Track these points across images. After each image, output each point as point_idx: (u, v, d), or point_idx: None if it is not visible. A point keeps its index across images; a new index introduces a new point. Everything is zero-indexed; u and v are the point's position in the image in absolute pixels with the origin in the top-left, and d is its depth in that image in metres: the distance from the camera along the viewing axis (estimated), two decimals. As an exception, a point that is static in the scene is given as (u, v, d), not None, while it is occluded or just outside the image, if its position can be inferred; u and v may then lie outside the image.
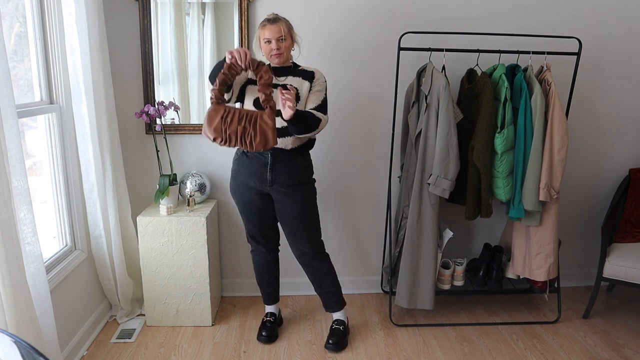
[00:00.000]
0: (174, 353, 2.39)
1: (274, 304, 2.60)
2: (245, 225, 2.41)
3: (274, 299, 2.59)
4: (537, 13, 2.70)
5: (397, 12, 2.65)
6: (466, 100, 2.53)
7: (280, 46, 2.08)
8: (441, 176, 2.36)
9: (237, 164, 2.28)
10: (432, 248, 2.50)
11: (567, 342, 2.53)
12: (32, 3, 2.11)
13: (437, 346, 2.48)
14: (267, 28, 2.07)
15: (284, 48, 2.10)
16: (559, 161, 2.38)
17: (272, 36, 2.06)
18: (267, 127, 1.97)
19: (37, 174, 2.25)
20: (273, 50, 2.08)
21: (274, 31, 2.06)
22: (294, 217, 2.26)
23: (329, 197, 2.87)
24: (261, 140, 1.98)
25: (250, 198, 2.29)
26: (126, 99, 2.66)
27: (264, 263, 2.48)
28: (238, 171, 2.27)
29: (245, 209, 2.33)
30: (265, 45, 2.11)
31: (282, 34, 2.07)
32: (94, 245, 2.50)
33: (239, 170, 2.26)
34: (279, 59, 2.12)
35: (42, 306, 1.80)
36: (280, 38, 2.07)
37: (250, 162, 2.21)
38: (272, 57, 2.12)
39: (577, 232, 3.09)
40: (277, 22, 2.07)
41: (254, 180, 2.22)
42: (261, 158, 2.19)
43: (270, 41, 2.07)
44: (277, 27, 2.06)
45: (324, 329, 2.62)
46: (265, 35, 2.08)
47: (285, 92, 1.91)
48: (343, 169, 2.84)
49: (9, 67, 1.58)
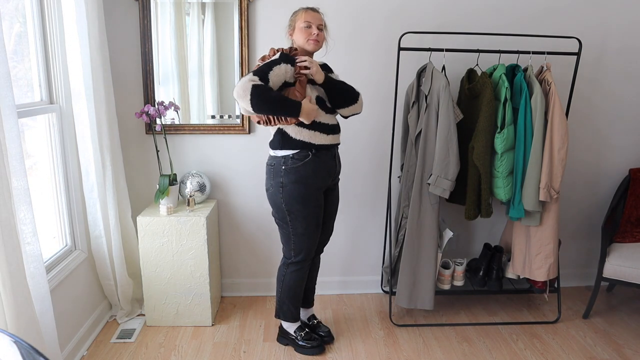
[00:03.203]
0: (174, 353, 2.39)
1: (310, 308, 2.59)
2: (308, 238, 2.21)
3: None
4: (537, 13, 2.70)
5: (397, 12, 2.65)
6: (466, 100, 2.53)
7: (319, 34, 2.09)
8: (441, 176, 2.36)
9: (306, 167, 2.11)
10: (432, 248, 2.50)
11: (567, 342, 2.53)
12: (32, 3, 2.11)
13: (437, 346, 2.48)
14: (309, 13, 2.09)
15: (321, 37, 2.11)
16: (559, 161, 2.38)
17: (314, 21, 2.07)
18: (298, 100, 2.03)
19: (37, 174, 2.25)
20: (313, 34, 2.07)
21: (316, 17, 2.09)
22: (337, 206, 2.39)
23: (329, 197, 2.87)
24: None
25: (321, 202, 2.21)
26: (126, 99, 2.66)
27: (306, 277, 2.36)
28: (310, 174, 2.12)
29: (318, 214, 2.20)
30: (304, 30, 2.07)
31: (323, 22, 2.11)
32: (94, 245, 2.50)
33: (313, 172, 2.12)
34: (316, 45, 2.10)
35: (42, 306, 1.80)
36: (320, 26, 2.10)
37: (322, 160, 2.15)
38: (309, 42, 2.09)
39: (577, 232, 3.09)
40: (319, 12, 2.12)
41: (326, 177, 2.20)
42: (329, 152, 2.18)
43: (311, 25, 2.07)
44: (319, 15, 2.11)
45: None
46: (308, 19, 2.07)
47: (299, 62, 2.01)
48: (343, 169, 2.84)
49: (9, 67, 1.58)
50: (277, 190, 2.15)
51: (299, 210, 2.15)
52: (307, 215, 2.17)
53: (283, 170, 2.12)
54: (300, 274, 2.30)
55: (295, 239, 2.22)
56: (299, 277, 2.31)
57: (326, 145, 2.14)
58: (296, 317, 2.43)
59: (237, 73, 2.66)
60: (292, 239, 2.22)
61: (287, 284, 2.32)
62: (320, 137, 2.11)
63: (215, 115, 2.73)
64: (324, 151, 2.15)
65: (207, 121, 2.73)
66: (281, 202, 2.16)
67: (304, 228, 2.19)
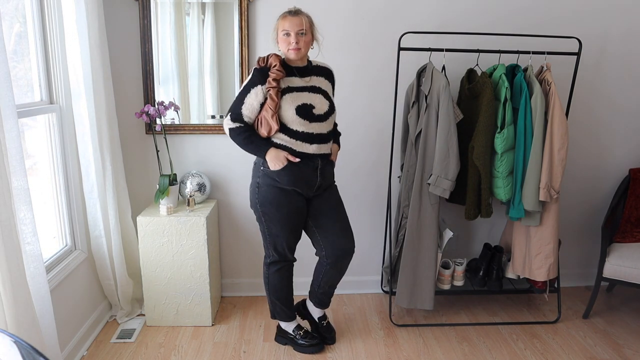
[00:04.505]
0: (174, 353, 2.39)
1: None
2: (281, 239, 2.21)
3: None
4: (537, 13, 2.70)
5: (397, 12, 2.65)
6: (466, 100, 2.53)
7: (300, 40, 1.99)
8: (441, 176, 2.36)
9: (282, 173, 2.08)
10: (432, 248, 2.50)
11: (567, 342, 2.53)
12: (32, 3, 2.11)
13: (437, 346, 2.48)
14: (287, 20, 1.99)
15: (303, 43, 2.01)
16: (559, 161, 2.38)
17: (292, 29, 1.98)
18: (267, 115, 2.01)
19: (37, 174, 2.25)
20: (291, 44, 1.99)
21: (294, 23, 1.98)
22: (337, 203, 2.28)
23: (329, 197, 2.87)
24: (265, 127, 2.04)
25: (296, 206, 2.16)
26: (126, 99, 2.66)
27: (290, 277, 2.36)
28: (285, 181, 2.10)
29: (291, 219, 2.17)
30: (283, 38, 2.01)
31: (303, 27, 1.98)
32: (94, 245, 2.50)
33: (289, 180, 2.09)
34: (297, 54, 2.02)
35: (42, 306, 1.80)
36: (301, 32, 1.98)
37: (300, 169, 2.09)
38: (289, 52, 2.02)
39: (577, 232, 3.09)
40: (299, 15, 2.00)
41: (303, 185, 2.13)
42: (311, 163, 2.11)
43: (289, 34, 1.98)
44: (299, 20, 1.98)
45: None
46: (285, 27, 1.98)
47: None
48: (343, 169, 2.84)
49: (9, 67, 1.58)
50: (254, 189, 2.17)
51: (272, 213, 2.15)
52: (280, 218, 2.15)
53: (261, 172, 2.13)
54: (282, 272, 2.31)
55: (270, 238, 2.23)
56: (281, 277, 2.31)
57: (308, 154, 2.09)
58: (291, 316, 2.43)
59: (237, 73, 2.66)
60: (268, 238, 2.23)
61: (272, 284, 2.33)
62: (302, 146, 2.07)
63: (215, 115, 2.73)
64: (305, 160, 2.09)
65: (207, 121, 2.73)
66: (256, 201, 2.17)
67: (279, 230, 2.18)
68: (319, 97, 2.10)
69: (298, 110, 2.03)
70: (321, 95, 2.11)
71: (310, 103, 2.06)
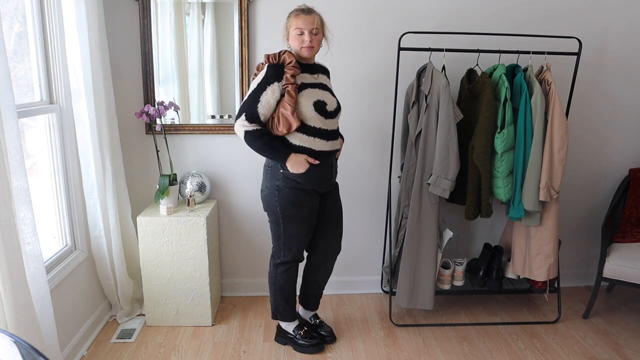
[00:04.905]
0: (174, 353, 2.39)
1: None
2: (297, 240, 2.22)
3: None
4: (537, 13, 2.70)
5: (397, 12, 2.65)
6: (466, 100, 2.53)
7: (313, 39, 2.01)
8: (441, 176, 2.36)
9: (304, 175, 2.08)
10: (432, 248, 2.50)
11: (567, 342, 2.53)
12: (32, 3, 2.11)
13: (437, 346, 2.48)
14: (300, 18, 2.00)
15: (316, 42, 2.04)
16: (559, 161, 2.38)
17: (306, 27, 1.99)
18: (286, 112, 1.99)
19: (37, 174, 2.25)
20: (305, 42, 2.00)
21: (308, 22, 1.99)
22: (340, 207, 2.35)
23: (329, 197, 2.87)
24: (284, 124, 2.01)
25: (314, 204, 2.19)
26: (126, 99, 2.66)
27: (295, 277, 2.36)
28: (307, 180, 2.10)
29: (311, 217, 2.20)
30: (296, 36, 2.02)
31: (316, 25, 2.01)
32: (94, 245, 2.50)
33: (309, 179, 2.10)
34: (310, 52, 2.04)
35: (42, 306, 1.80)
36: (313, 30, 2.01)
37: (319, 169, 2.11)
38: (302, 49, 2.03)
39: (577, 232, 3.09)
40: (312, 14, 2.02)
41: (322, 184, 2.16)
42: (327, 161, 2.14)
43: (303, 32, 2.00)
44: (312, 18, 2.00)
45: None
46: (299, 25, 2.00)
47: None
48: (343, 169, 2.84)
49: (9, 67, 1.58)
50: (272, 192, 2.15)
51: (293, 214, 2.16)
52: (300, 218, 2.17)
53: (280, 174, 2.12)
54: (290, 273, 2.32)
55: (285, 239, 2.23)
56: (289, 277, 2.32)
57: (325, 151, 2.12)
58: (293, 316, 2.43)
59: (237, 73, 2.66)
60: (283, 239, 2.23)
61: (278, 285, 2.33)
62: (320, 144, 2.09)
63: (215, 115, 2.73)
64: (323, 159, 2.12)
65: (207, 121, 2.73)
66: (276, 204, 2.15)
67: (296, 230, 2.20)
68: (328, 94, 2.13)
69: (315, 106, 2.05)
70: (329, 92, 2.14)
71: (323, 100, 2.08)
